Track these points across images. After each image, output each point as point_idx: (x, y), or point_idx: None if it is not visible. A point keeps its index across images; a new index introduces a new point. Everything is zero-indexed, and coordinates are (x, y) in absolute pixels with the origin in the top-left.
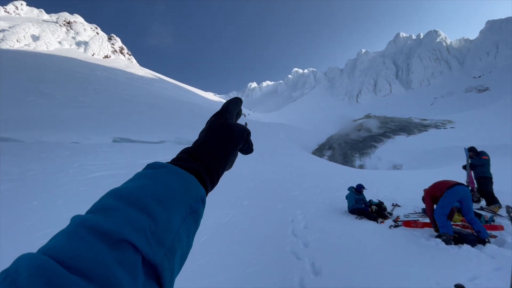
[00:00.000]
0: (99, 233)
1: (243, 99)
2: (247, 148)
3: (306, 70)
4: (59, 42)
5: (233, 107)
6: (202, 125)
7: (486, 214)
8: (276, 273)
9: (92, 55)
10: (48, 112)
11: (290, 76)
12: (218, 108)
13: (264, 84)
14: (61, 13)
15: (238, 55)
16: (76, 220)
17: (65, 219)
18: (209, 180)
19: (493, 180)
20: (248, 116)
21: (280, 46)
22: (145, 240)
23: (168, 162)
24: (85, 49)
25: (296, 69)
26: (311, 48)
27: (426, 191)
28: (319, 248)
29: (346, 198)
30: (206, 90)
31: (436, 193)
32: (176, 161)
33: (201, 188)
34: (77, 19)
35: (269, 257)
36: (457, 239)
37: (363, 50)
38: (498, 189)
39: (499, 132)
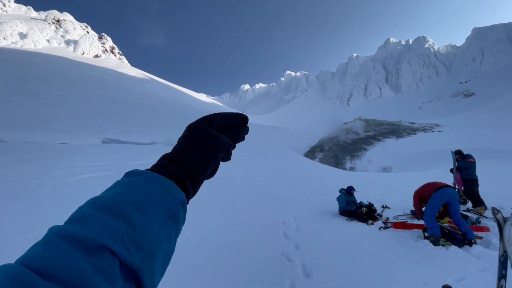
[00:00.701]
0: (76, 242)
1: (235, 101)
2: (225, 158)
3: (298, 73)
4: (48, 41)
5: (221, 119)
6: None
7: (472, 216)
8: (268, 275)
9: (82, 54)
10: (35, 112)
11: (282, 78)
12: (211, 109)
13: (257, 86)
14: (50, 11)
15: (231, 56)
16: (53, 231)
17: (50, 222)
18: (190, 184)
19: (479, 182)
20: None
21: (273, 49)
22: (122, 245)
23: (147, 169)
24: (74, 48)
25: (289, 72)
26: (304, 51)
27: (416, 191)
28: (310, 250)
29: (337, 200)
30: (198, 91)
31: (424, 194)
32: (155, 168)
33: (180, 192)
34: (67, 17)
35: (260, 259)
36: (446, 234)
37: (354, 55)
38: (483, 191)
39: (485, 136)
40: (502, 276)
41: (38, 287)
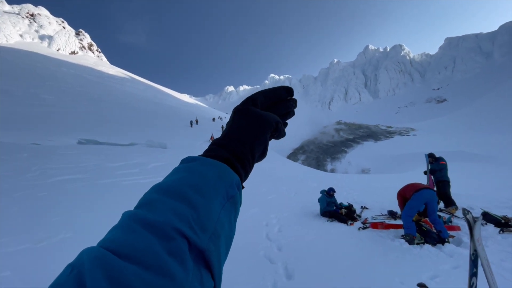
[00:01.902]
0: (148, 225)
1: (219, 102)
2: (278, 135)
3: (282, 77)
4: (21, 35)
5: (264, 96)
6: (177, 127)
7: (444, 216)
8: (250, 278)
9: (57, 50)
10: (5, 110)
11: (267, 81)
12: (194, 110)
13: (242, 88)
14: (24, 5)
15: (215, 57)
16: (126, 215)
17: (19, 228)
18: (240, 167)
19: (450, 183)
20: (225, 120)
21: (258, 51)
22: (188, 227)
23: (200, 155)
24: (49, 44)
25: (273, 75)
26: (287, 55)
27: (398, 192)
28: (292, 252)
29: (319, 201)
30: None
31: (405, 195)
32: (207, 153)
33: (234, 175)
34: (42, 11)
35: (243, 262)
36: (423, 231)
37: (335, 60)
38: (455, 192)
39: (456, 140)
40: (473, 274)
41: (120, 268)
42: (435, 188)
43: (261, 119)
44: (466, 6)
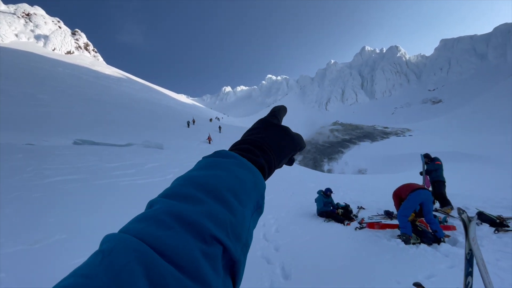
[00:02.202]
0: (186, 224)
1: (217, 102)
2: (291, 161)
3: (279, 77)
4: (16, 35)
5: (283, 113)
6: (174, 128)
7: (440, 215)
8: (247, 278)
9: (53, 50)
10: (0, 110)
11: (264, 82)
12: (191, 110)
13: (239, 88)
14: (20, 4)
15: (213, 57)
16: (161, 208)
17: (14, 229)
18: (267, 177)
19: (446, 183)
20: (222, 120)
21: (255, 52)
22: (225, 234)
23: (234, 151)
24: (45, 44)
25: (270, 75)
26: (285, 56)
27: (394, 192)
28: (289, 252)
29: (315, 202)
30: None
31: (401, 195)
32: (243, 152)
33: (265, 184)
34: (38, 11)
35: None
36: (418, 231)
37: (332, 61)
38: (450, 192)
39: (451, 140)
40: (468, 273)
41: (160, 268)
42: (430, 188)
43: (297, 142)
44: (461, 8)
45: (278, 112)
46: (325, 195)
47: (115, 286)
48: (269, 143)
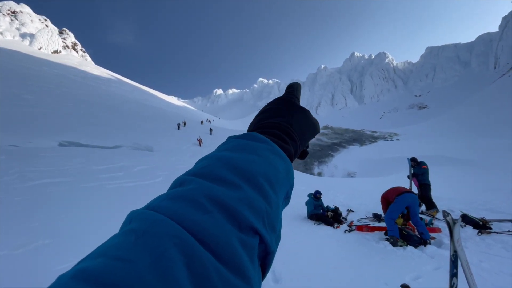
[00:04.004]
0: (224, 209)
1: (208, 105)
2: (304, 154)
3: (270, 81)
4: (1, 33)
5: (300, 92)
6: (164, 130)
7: (426, 218)
8: None
9: (39, 49)
10: None
11: (255, 85)
12: (182, 112)
13: (230, 91)
14: (5, 1)
15: (204, 59)
16: (196, 187)
17: None
18: None
19: (431, 187)
20: (213, 122)
21: (247, 55)
22: (263, 225)
23: (261, 134)
24: (30, 42)
25: (261, 79)
26: (276, 59)
27: (382, 195)
28: (280, 255)
29: (306, 204)
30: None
31: (389, 198)
32: (273, 137)
33: (294, 174)
34: (24, 9)
35: None
36: (404, 236)
37: (323, 66)
38: (435, 194)
39: (437, 145)
40: (453, 274)
41: (200, 256)
42: (416, 191)
43: (317, 128)
44: (446, 17)
45: (297, 90)
46: (315, 197)
47: (155, 273)
48: (295, 129)
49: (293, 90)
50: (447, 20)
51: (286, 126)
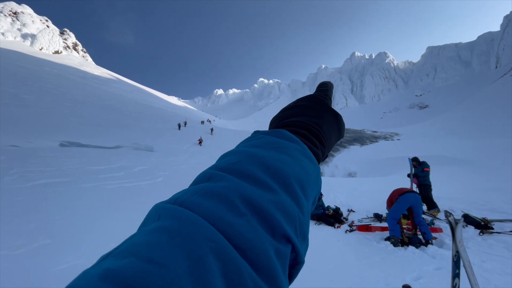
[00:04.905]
0: (257, 212)
1: (208, 105)
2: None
3: (271, 81)
4: (2, 34)
5: (332, 93)
6: (164, 130)
7: (427, 218)
8: None
9: (40, 49)
10: None
11: (256, 85)
12: (182, 112)
13: (231, 91)
14: (7, 2)
15: (205, 59)
16: (228, 185)
17: None
18: None
19: (432, 187)
20: (214, 122)
21: (247, 55)
22: (295, 233)
23: (290, 132)
24: (32, 43)
25: (262, 79)
26: (276, 59)
27: (387, 199)
28: None
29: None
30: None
31: (393, 200)
32: (302, 138)
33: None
34: (25, 9)
35: None
36: (404, 242)
37: (323, 66)
38: (436, 194)
39: (437, 144)
40: (455, 275)
41: (236, 263)
42: (415, 187)
43: (343, 133)
44: (447, 17)
45: (330, 90)
46: None
47: (192, 282)
48: (325, 133)
49: (326, 89)
50: (448, 19)
51: (316, 128)
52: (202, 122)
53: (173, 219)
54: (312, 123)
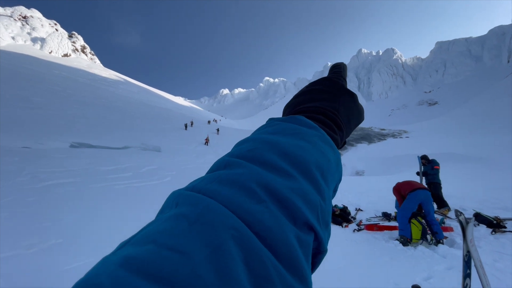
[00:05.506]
0: (277, 200)
1: (214, 105)
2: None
3: (276, 80)
4: (13, 38)
5: (346, 73)
6: (171, 130)
7: (438, 217)
8: None
9: (50, 53)
10: None
11: (261, 84)
12: (188, 113)
13: (236, 91)
14: (16, 7)
15: (210, 60)
16: (245, 172)
17: (9, 234)
18: None
19: (442, 185)
20: (220, 122)
21: (253, 54)
22: (317, 220)
23: (308, 118)
24: (41, 46)
25: (267, 78)
26: (282, 58)
27: (394, 187)
28: None
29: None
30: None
31: (401, 191)
32: (321, 124)
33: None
34: (35, 13)
35: None
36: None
37: (329, 63)
38: (446, 193)
39: (447, 142)
40: (466, 275)
41: (257, 252)
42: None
43: (362, 115)
44: (457, 11)
45: (344, 71)
46: None
47: (213, 269)
48: (343, 117)
49: (340, 70)
50: (457, 13)
51: (333, 113)
52: (209, 122)
53: (192, 206)
54: (329, 107)
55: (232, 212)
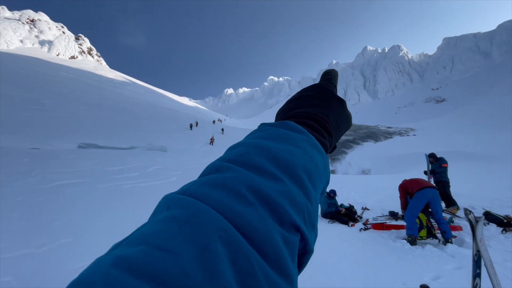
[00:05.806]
0: (265, 202)
1: (219, 104)
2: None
3: (281, 79)
4: (21, 41)
5: (337, 80)
6: (177, 130)
7: (446, 216)
8: None
9: (57, 55)
10: (5, 115)
11: (266, 83)
12: (193, 113)
13: (241, 90)
14: (24, 11)
15: (215, 60)
16: (235, 176)
17: (20, 233)
18: None
19: (450, 184)
20: (225, 122)
21: (257, 53)
22: (303, 222)
23: (297, 123)
24: (49, 49)
25: (272, 77)
26: (286, 57)
27: (400, 184)
28: None
29: (319, 203)
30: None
31: (408, 190)
32: (309, 129)
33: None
34: (42, 17)
35: None
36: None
37: (334, 61)
38: (455, 191)
39: (455, 140)
40: (476, 275)
41: (244, 251)
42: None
43: (350, 121)
44: (464, 6)
45: (335, 78)
46: (329, 196)
47: (200, 268)
48: (332, 122)
49: (330, 77)
50: (465, 9)
51: (322, 118)
52: (213, 122)
53: (182, 209)
54: (318, 112)
55: (221, 215)
